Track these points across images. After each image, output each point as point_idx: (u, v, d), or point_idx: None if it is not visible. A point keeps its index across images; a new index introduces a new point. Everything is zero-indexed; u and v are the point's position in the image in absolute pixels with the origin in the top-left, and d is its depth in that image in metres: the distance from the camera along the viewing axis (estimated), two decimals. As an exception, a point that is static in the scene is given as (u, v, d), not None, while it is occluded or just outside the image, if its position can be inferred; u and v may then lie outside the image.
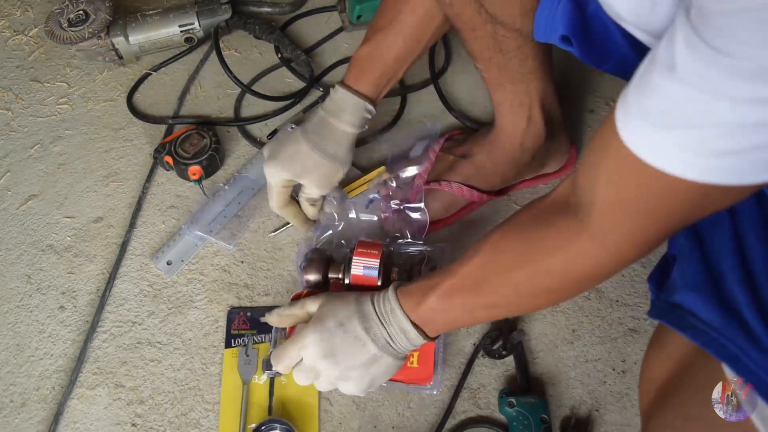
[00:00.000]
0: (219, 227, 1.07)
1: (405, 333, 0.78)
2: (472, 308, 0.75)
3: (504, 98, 0.96)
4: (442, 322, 0.78)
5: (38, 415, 0.94)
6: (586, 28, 0.78)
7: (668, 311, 0.66)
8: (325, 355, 0.79)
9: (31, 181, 1.15)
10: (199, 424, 0.93)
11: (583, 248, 0.62)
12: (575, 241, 0.62)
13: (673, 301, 0.66)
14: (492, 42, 0.88)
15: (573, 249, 0.63)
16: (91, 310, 1.02)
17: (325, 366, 0.79)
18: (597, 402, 0.93)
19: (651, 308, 0.70)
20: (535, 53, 0.90)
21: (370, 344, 0.78)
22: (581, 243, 0.62)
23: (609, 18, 0.76)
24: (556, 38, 0.80)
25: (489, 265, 0.70)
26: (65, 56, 1.30)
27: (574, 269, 0.64)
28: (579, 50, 0.80)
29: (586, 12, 0.77)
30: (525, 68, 0.91)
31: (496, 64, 0.91)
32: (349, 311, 0.80)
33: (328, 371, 0.79)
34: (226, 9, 1.27)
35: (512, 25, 0.84)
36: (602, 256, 0.62)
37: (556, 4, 0.76)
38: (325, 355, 0.79)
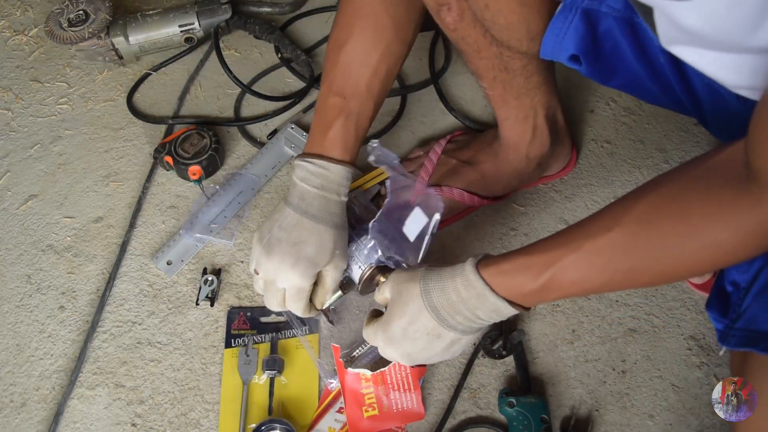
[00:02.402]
0: (219, 227, 1.07)
1: (497, 311, 0.72)
2: (601, 286, 0.69)
3: (509, 113, 0.96)
4: (550, 300, 0.73)
5: (38, 415, 0.94)
6: (596, 47, 0.79)
7: (758, 339, 0.66)
8: (402, 356, 0.78)
9: (31, 181, 1.15)
10: (199, 424, 0.93)
11: (763, 219, 0.56)
12: (753, 211, 0.56)
13: (759, 329, 0.66)
14: (497, 62, 0.88)
15: (752, 220, 0.57)
16: (91, 310, 1.02)
17: (408, 362, 0.79)
18: (597, 402, 0.93)
19: (726, 337, 0.69)
20: (540, 69, 0.90)
21: (447, 333, 0.74)
22: (761, 214, 0.56)
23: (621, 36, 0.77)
24: (565, 57, 0.80)
25: (636, 241, 0.62)
26: (65, 56, 1.30)
27: (749, 240, 0.58)
28: (587, 68, 0.80)
29: (597, 30, 0.77)
30: (530, 84, 0.91)
31: (501, 82, 0.91)
32: (416, 306, 0.75)
33: (411, 362, 0.79)
34: (226, 9, 1.27)
35: (518, 48, 0.84)
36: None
37: (568, 24, 0.77)
38: (402, 356, 0.78)
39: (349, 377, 0.90)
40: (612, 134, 1.16)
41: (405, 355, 0.78)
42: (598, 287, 0.69)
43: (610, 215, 0.65)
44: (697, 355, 0.96)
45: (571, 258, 0.65)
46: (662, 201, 0.62)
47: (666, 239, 0.61)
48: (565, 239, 0.67)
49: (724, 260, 0.63)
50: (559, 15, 0.77)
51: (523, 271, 0.68)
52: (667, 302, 1.00)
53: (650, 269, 0.64)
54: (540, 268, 0.67)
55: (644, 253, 0.62)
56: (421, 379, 0.92)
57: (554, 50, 0.80)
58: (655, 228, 0.61)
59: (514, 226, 1.07)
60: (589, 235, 0.64)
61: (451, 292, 0.72)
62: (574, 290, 0.68)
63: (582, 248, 0.64)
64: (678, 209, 0.60)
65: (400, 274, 0.79)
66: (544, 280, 0.67)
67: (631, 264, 0.63)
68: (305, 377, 0.96)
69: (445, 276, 0.73)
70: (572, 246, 0.65)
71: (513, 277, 0.69)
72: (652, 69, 0.79)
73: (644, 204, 0.62)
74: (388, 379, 0.91)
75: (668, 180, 0.64)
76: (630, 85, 0.83)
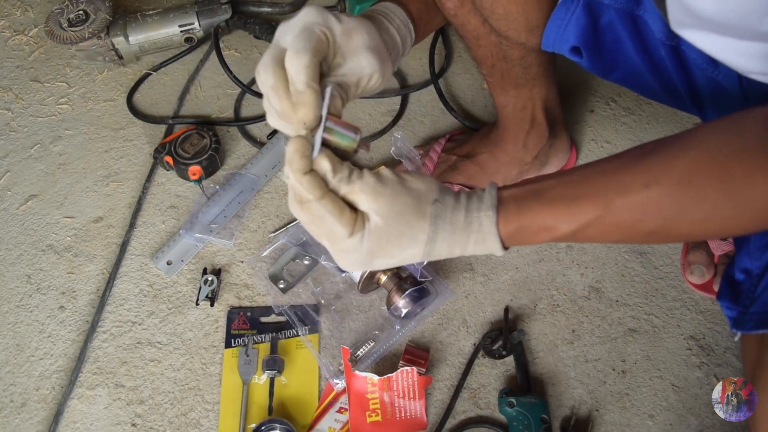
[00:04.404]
0: (219, 227, 1.07)
1: (483, 244, 0.62)
2: (618, 240, 0.63)
3: (507, 102, 0.97)
4: (553, 240, 0.64)
5: (38, 415, 0.94)
6: (597, 39, 0.79)
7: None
8: (352, 267, 0.63)
9: (31, 181, 1.15)
10: (199, 424, 0.93)
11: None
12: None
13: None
14: (496, 50, 0.88)
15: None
16: (91, 310, 1.02)
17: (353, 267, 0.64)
18: (597, 402, 0.93)
19: (741, 322, 0.68)
20: (540, 61, 0.90)
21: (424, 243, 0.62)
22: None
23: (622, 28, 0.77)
24: (566, 49, 0.80)
25: (674, 202, 0.57)
26: (65, 56, 1.30)
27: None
28: (588, 61, 0.80)
29: (598, 23, 0.78)
30: (529, 75, 0.91)
31: (499, 71, 0.91)
32: (414, 253, 0.62)
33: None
34: (226, 9, 1.27)
35: (517, 39, 0.84)
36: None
37: (570, 16, 0.77)
38: (352, 267, 0.63)
39: (355, 380, 0.90)
40: (612, 134, 1.16)
41: (350, 269, 0.65)
42: (614, 241, 0.64)
43: (645, 169, 0.58)
44: (697, 355, 0.96)
45: (598, 215, 0.59)
46: (705, 160, 0.56)
47: (705, 202, 0.56)
48: (592, 191, 0.59)
49: (758, 226, 0.59)
50: (561, 6, 0.77)
51: (545, 229, 0.61)
52: (667, 302, 1.00)
53: (679, 230, 0.59)
54: (563, 227, 0.60)
55: (679, 215, 0.57)
56: (426, 387, 0.92)
57: (556, 41, 0.80)
58: (696, 190, 0.56)
59: (514, 226, 1.07)
60: (622, 191, 0.58)
61: (457, 247, 0.62)
62: (587, 241, 0.63)
63: (613, 205, 0.58)
64: (721, 171, 0.55)
65: (402, 198, 0.60)
66: (561, 235, 0.60)
67: (661, 224, 0.58)
68: (305, 377, 0.96)
69: (458, 226, 0.60)
70: (601, 202, 0.58)
71: (530, 235, 0.61)
72: (653, 62, 0.79)
73: (685, 161, 0.56)
74: (395, 386, 0.91)
75: (711, 134, 0.58)
76: (630, 78, 0.83)
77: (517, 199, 0.61)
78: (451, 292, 1.00)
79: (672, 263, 1.03)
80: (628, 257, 1.04)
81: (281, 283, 1.02)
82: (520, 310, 1.00)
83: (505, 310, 0.99)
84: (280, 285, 1.02)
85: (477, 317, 1.00)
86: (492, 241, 0.61)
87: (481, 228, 0.61)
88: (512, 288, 1.02)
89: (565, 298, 1.01)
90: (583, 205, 0.59)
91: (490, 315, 1.00)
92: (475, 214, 0.60)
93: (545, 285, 1.02)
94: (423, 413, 0.91)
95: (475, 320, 0.99)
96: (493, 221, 0.60)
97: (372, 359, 0.95)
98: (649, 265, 1.03)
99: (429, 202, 0.60)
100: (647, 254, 1.04)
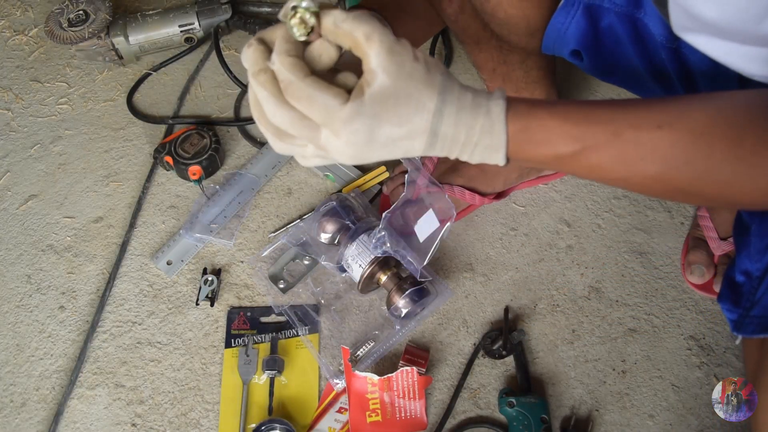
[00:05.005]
0: (219, 227, 1.07)
1: (483, 160, 0.59)
2: (616, 180, 0.61)
3: None
4: (550, 169, 0.64)
5: (38, 415, 0.94)
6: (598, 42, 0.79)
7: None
8: (347, 152, 0.56)
9: (31, 181, 1.15)
10: (199, 424, 0.93)
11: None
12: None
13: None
14: (497, 55, 0.88)
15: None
16: (91, 310, 1.02)
17: (347, 158, 0.57)
18: (597, 402, 0.93)
19: (741, 325, 0.68)
20: (540, 64, 0.90)
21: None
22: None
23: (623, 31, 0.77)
24: (567, 52, 0.80)
25: (680, 150, 0.57)
26: (65, 56, 1.30)
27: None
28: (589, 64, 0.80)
29: (598, 26, 0.78)
30: (529, 78, 0.92)
31: (500, 75, 0.91)
32: (418, 125, 0.56)
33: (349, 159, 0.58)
34: (226, 9, 1.27)
35: (517, 43, 0.84)
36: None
37: (570, 19, 0.77)
38: (348, 151, 0.56)
39: (355, 380, 0.90)
40: (612, 134, 1.16)
41: (352, 154, 0.56)
42: (612, 180, 0.62)
43: (661, 111, 0.57)
44: (697, 355, 0.96)
45: (605, 140, 0.57)
46: (721, 119, 0.56)
47: (710, 159, 0.56)
48: (605, 117, 0.58)
49: (752, 201, 0.59)
50: (562, 10, 0.77)
51: (548, 141, 0.58)
52: (667, 302, 1.00)
53: (677, 182, 0.59)
54: (568, 141, 0.58)
55: (682, 165, 0.57)
56: (426, 387, 0.92)
57: (556, 45, 0.80)
58: (705, 144, 0.56)
59: (514, 226, 1.07)
60: (633, 124, 0.57)
61: (463, 129, 0.57)
62: (585, 172, 0.61)
63: (622, 135, 0.57)
64: (733, 134, 0.55)
65: (413, 63, 0.55)
66: (564, 153, 0.58)
67: (662, 170, 0.58)
68: (305, 377, 0.96)
69: (465, 105, 0.57)
70: (611, 128, 0.57)
71: (536, 142, 0.58)
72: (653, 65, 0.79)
73: (702, 115, 0.56)
74: (395, 386, 0.91)
75: (731, 98, 0.58)
76: (630, 81, 0.83)
77: (528, 103, 0.59)
78: (451, 292, 1.00)
79: (672, 263, 1.03)
80: (628, 257, 1.04)
81: (281, 283, 1.02)
82: (520, 310, 1.00)
83: (505, 310, 0.99)
84: (280, 285, 1.02)
85: (477, 317, 1.00)
86: (499, 130, 0.57)
87: (489, 114, 0.57)
88: (512, 288, 1.02)
89: (565, 298, 1.01)
90: (592, 126, 0.58)
91: (490, 315, 1.00)
92: (484, 101, 0.57)
93: (545, 285, 1.02)
94: (423, 413, 0.91)
95: (475, 320, 0.99)
96: (502, 108, 0.57)
97: (372, 359, 0.95)
98: (649, 265, 1.03)
99: (438, 73, 0.56)
100: (647, 254, 1.04)
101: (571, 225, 1.07)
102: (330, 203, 1.01)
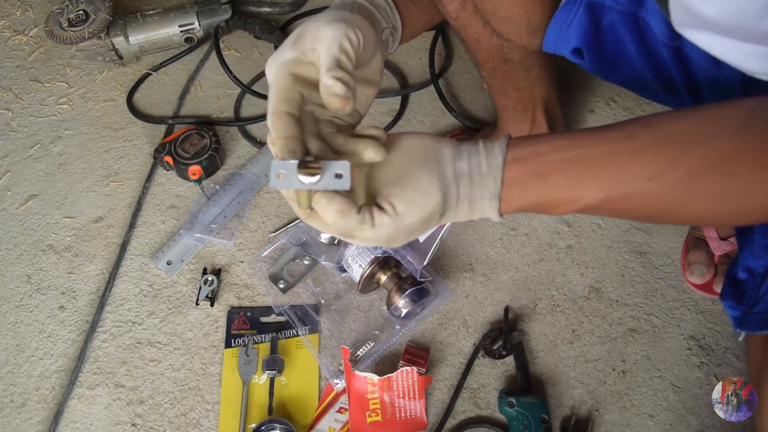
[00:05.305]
0: (219, 227, 1.07)
1: (485, 217, 0.62)
2: (622, 217, 0.61)
3: (508, 104, 0.97)
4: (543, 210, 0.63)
5: (38, 415, 0.94)
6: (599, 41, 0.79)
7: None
8: (390, 241, 0.61)
9: (31, 181, 1.15)
10: (199, 424, 0.93)
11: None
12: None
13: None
14: (497, 53, 0.88)
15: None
16: (91, 310, 1.02)
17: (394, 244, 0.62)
18: (597, 402, 0.93)
19: (744, 322, 0.68)
20: (540, 63, 0.90)
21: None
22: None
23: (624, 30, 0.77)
24: (568, 51, 0.80)
25: (676, 197, 0.56)
26: (65, 56, 1.30)
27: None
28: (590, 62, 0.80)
29: (600, 24, 0.78)
30: (530, 77, 0.91)
31: (500, 73, 0.91)
32: (431, 209, 0.60)
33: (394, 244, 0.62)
34: (226, 9, 1.27)
35: (518, 41, 0.84)
36: None
37: (572, 17, 0.77)
38: (389, 242, 0.61)
39: (355, 380, 0.90)
40: (612, 134, 1.16)
41: (392, 241, 0.61)
42: (609, 216, 0.64)
43: (654, 161, 0.56)
44: (697, 355, 0.96)
45: (599, 202, 0.58)
46: (712, 157, 0.55)
47: (704, 200, 0.55)
48: (597, 179, 0.58)
49: (755, 220, 0.58)
50: (563, 7, 0.77)
51: (545, 209, 0.60)
52: (667, 302, 1.00)
53: (676, 219, 0.60)
54: (562, 209, 0.59)
55: (677, 208, 0.57)
56: (426, 387, 0.92)
57: (557, 43, 0.80)
58: (698, 188, 0.55)
59: (514, 226, 1.07)
60: (624, 181, 0.57)
61: (461, 219, 0.62)
62: (583, 213, 0.61)
63: (613, 195, 0.57)
64: (727, 169, 0.54)
65: (420, 203, 0.59)
66: (560, 213, 0.60)
67: (657, 213, 0.58)
68: (305, 377, 0.96)
69: (461, 214, 0.62)
70: (603, 190, 0.57)
71: (542, 208, 0.60)
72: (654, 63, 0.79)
73: (694, 158, 0.55)
74: (395, 386, 0.91)
75: (721, 124, 0.56)
76: (631, 80, 0.83)
77: (521, 184, 0.60)
78: (451, 292, 1.00)
79: (672, 263, 1.03)
80: (628, 257, 1.04)
81: (281, 283, 1.02)
82: (520, 310, 1.00)
83: (505, 310, 0.99)
84: (280, 285, 1.02)
85: (477, 317, 1.00)
86: (495, 218, 0.61)
87: (484, 212, 0.61)
88: (512, 288, 1.02)
89: (565, 298, 1.01)
90: (585, 193, 0.58)
91: (490, 315, 1.00)
92: (478, 203, 0.61)
93: (545, 285, 1.02)
94: (423, 413, 0.91)
95: (475, 320, 0.99)
96: (496, 209, 0.60)
97: (372, 359, 0.95)
98: (649, 265, 1.03)
99: (438, 185, 0.59)
100: (647, 254, 1.04)
101: (571, 225, 1.07)
102: None
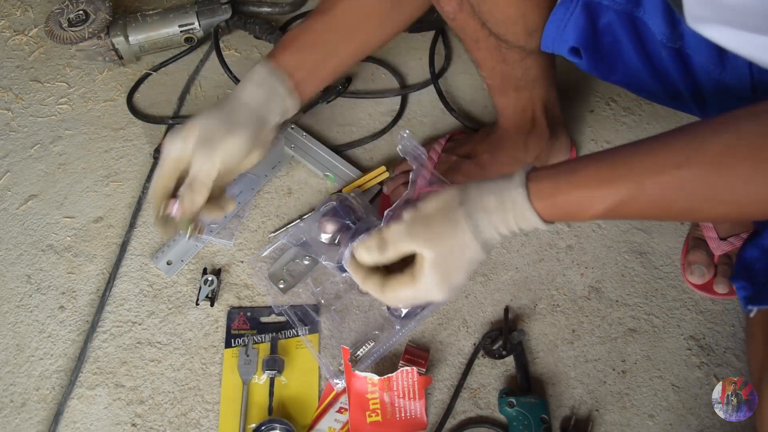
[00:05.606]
0: (219, 227, 1.07)
1: (524, 219, 0.66)
2: (646, 218, 0.66)
3: (507, 103, 0.97)
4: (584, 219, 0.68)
5: (38, 415, 0.94)
6: (596, 41, 0.79)
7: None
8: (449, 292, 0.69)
9: (31, 181, 1.15)
10: (199, 424, 0.93)
11: None
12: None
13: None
14: (495, 53, 0.88)
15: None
16: (91, 310, 1.02)
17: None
18: (597, 402, 0.93)
19: (758, 297, 0.70)
20: (539, 63, 0.90)
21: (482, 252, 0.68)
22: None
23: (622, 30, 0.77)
24: (565, 50, 0.80)
25: (706, 184, 0.58)
26: (65, 56, 1.30)
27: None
28: (587, 62, 0.80)
29: (597, 24, 0.78)
30: (529, 76, 0.91)
31: (499, 73, 0.91)
32: (469, 255, 0.68)
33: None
34: (226, 9, 1.27)
35: (516, 42, 0.84)
36: None
37: (568, 16, 0.77)
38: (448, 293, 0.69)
39: (355, 380, 0.90)
40: (612, 134, 1.16)
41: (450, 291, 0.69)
42: (649, 219, 0.68)
43: (679, 150, 0.59)
44: (697, 355, 0.96)
45: (632, 195, 0.60)
46: (737, 142, 0.57)
47: (736, 184, 0.57)
48: (626, 170, 0.61)
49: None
50: (560, 6, 0.77)
51: (578, 206, 0.63)
52: (667, 302, 1.00)
53: (712, 210, 0.61)
54: (597, 206, 0.62)
55: (710, 196, 0.58)
56: (426, 387, 0.92)
57: (555, 42, 0.80)
58: (727, 172, 0.57)
59: (514, 226, 1.07)
60: (654, 171, 0.59)
61: (501, 225, 0.66)
62: (623, 218, 0.65)
63: (645, 185, 0.59)
64: (753, 153, 0.56)
65: (439, 247, 0.67)
66: (596, 213, 0.62)
67: (692, 204, 0.60)
68: (305, 377, 0.96)
69: (491, 209, 0.66)
70: (634, 181, 0.60)
71: (567, 213, 0.64)
72: (652, 64, 0.79)
73: (718, 144, 0.57)
74: (395, 386, 0.91)
75: (742, 118, 0.58)
76: (629, 80, 0.83)
77: (551, 177, 0.64)
78: (451, 292, 1.00)
79: (672, 263, 1.03)
80: (628, 257, 1.04)
81: (281, 283, 1.02)
82: (520, 310, 1.00)
83: (505, 310, 0.99)
84: (280, 285, 1.02)
85: (477, 317, 1.00)
86: (530, 215, 0.64)
87: (516, 206, 0.64)
88: (512, 288, 1.02)
89: (565, 298, 1.01)
90: (616, 185, 0.61)
91: (490, 315, 1.00)
92: (507, 194, 0.64)
93: (545, 285, 1.02)
94: (423, 413, 0.91)
95: (475, 320, 0.99)
96: (525, 197, 0.63)
97: (372, 359, 0.95)
98: (649, 265, 1.03)
99: (457, 209, 0.66)
100: (647, 254, 1.04)
101: (571, 225, 1.07)
102: (330, 203, 1.01)
